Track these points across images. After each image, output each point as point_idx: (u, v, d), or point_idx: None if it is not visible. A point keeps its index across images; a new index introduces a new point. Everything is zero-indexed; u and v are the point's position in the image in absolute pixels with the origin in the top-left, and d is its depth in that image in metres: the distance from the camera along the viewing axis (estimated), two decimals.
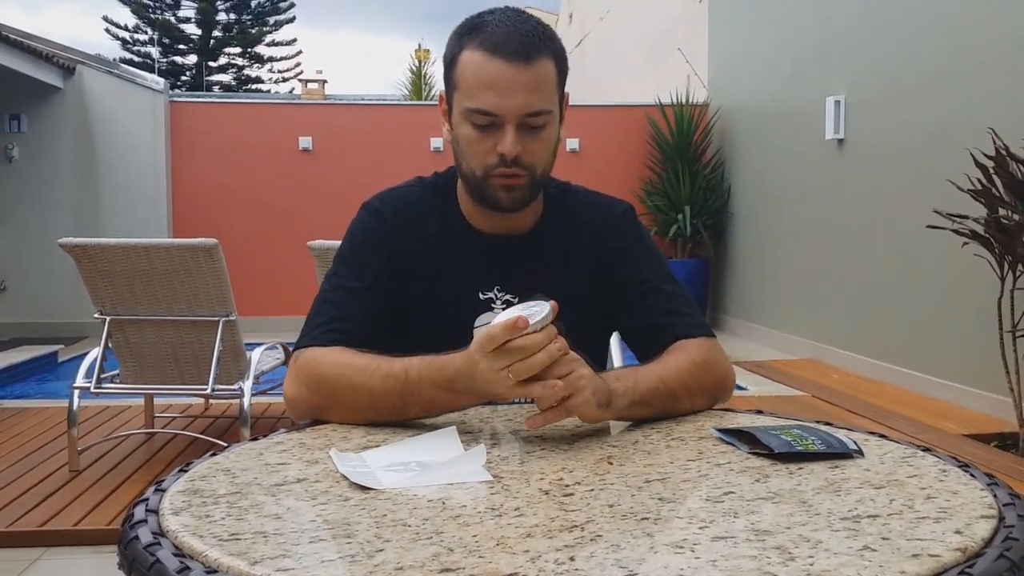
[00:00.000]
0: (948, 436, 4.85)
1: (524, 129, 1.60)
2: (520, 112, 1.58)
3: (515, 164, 1.60)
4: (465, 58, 1.61)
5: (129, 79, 10.03)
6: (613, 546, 0.96)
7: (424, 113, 10.67)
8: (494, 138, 1.60)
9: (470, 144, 1.62)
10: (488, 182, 1.63)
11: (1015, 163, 4.43)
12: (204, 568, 0.92)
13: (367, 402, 1.48)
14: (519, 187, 1.63)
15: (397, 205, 1.75)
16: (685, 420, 1.54)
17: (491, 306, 1.71)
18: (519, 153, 1.60)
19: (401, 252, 1.70)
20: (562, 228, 1.76)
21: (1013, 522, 1.03)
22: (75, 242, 4.25)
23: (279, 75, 35.51)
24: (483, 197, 1.66)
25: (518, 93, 1.57)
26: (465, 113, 1.61)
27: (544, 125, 1.62)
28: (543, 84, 1.60)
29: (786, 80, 8.47)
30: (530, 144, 1.61)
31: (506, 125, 1.58)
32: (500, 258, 1.73)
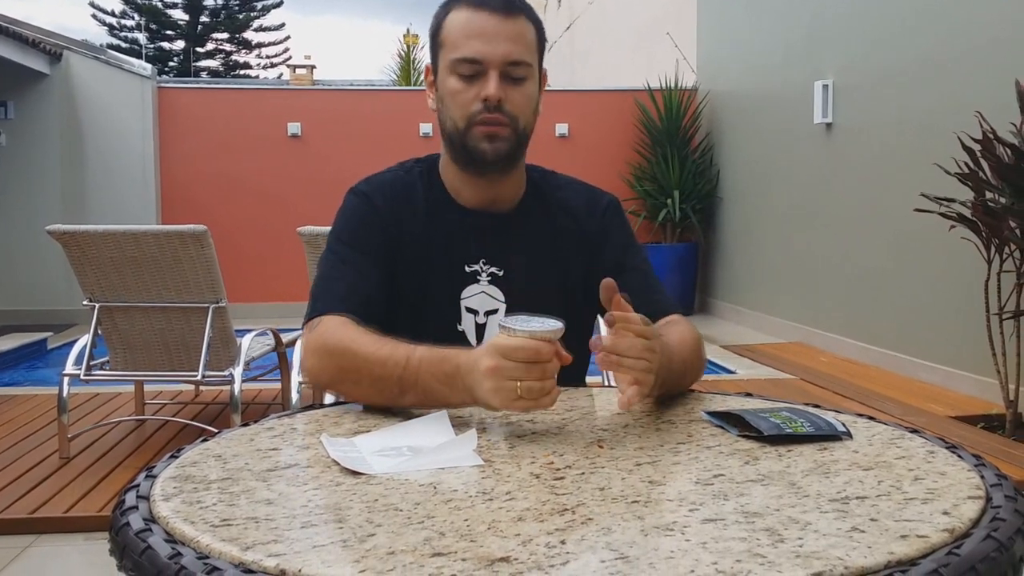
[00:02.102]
0: (936, 418, 4.88)
1: (507, 79, 1.66)
2: (503, 59, 1.65)
3: (498, 110, 1.65)
4: (451, 18, 1.70)
5: (116, 65, 9.97)
6: (604, 529, 0.96)
7: (413, 98, 10.64)
8: (478, 86, 1.66)
9: (454, 96, 1.68)
10: (471, 132, 1.67)
11: (1002, 146, 4.44)
12: (196, 554, 0.92)
13: (368, 382, 1.49)
14: (501, 137, 1.67)
15: (384, 189, 1.79)
16: (675, 403, 1.54)
17: (476, 279, 1.76)
18: (502, 99, 1.65)
19: (393, 233, 1.74)
20: (546, 208, 1.81)
21: (1000, 503, 1.04)
22: (63, 229, 4.24)
23: (267, 61, 35.41)
24: (466, 152, 1.70)
25: (501, 41, 1.65)
26: (451, 65, 1.68)
27: (525, 78, 1.69)
28: (524, 38, 1.69)
29: (775, 64, 8.46)
30: (512, 94, 1.67)
31: (489, 71, 1.65)
32: (485, 232, 1.77)
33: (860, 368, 6.46)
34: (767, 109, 8.63)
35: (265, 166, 10.03)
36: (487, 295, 1.76)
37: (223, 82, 23.44)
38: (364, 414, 1.52)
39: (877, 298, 6.62)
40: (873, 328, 6.66)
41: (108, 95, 9.75)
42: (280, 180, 10.04)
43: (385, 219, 1.75)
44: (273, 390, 5.50)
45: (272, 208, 9.94)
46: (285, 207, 9.85)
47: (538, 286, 1.78)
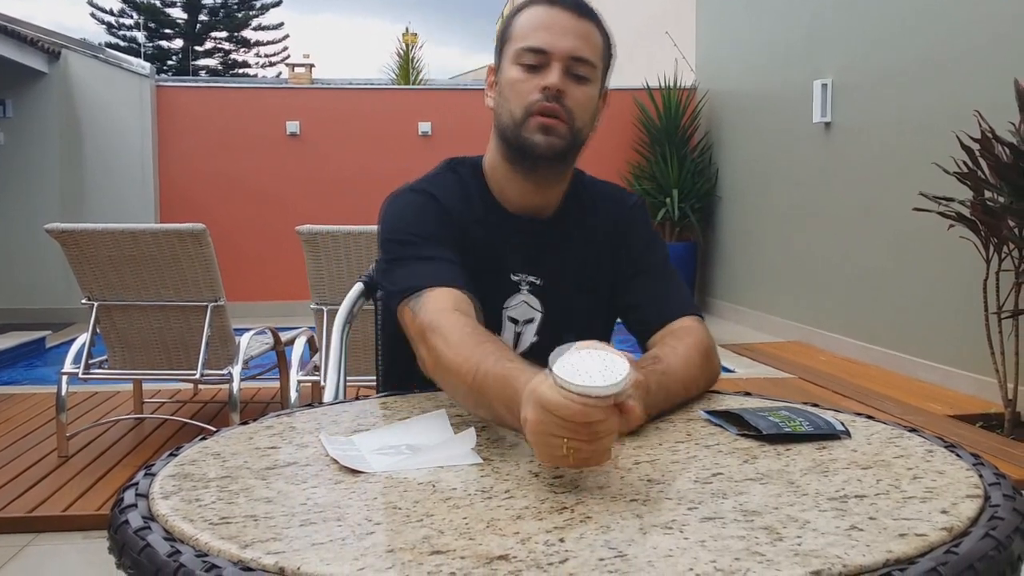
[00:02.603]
0: (934, 417, 4.88)
1: (570, 76, 1.63)
2: (568, 53, 1.63)
3: (557, 101, 1.62)
4: (522, 14, 1.69)
5: (115, 64, 9.96)
6: (603, 528, 0.96)
7: (412, 97, 10.64)
8: (540, 77, 1.63)
9: (515, 85, 1.65)
10: (527, 122, 1.63)
11: (1000, 146, 4.45)
12: (195, 552, 0.92)
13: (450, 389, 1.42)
14: (557, 132, 1.63)
15: (440, 188, 1.73)
16: None
17: (518, 288, 1.73)
18: (563, 91, 1.62)
19: (458, 236, 1.67)
20: (582, 214, 1.79)
21: (998, 501, 1.04)
22: (62, 228, 4.24)
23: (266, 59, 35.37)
24: (519, 145, 1.65)
25: (568, 36, 1.63)
26: (515, 55, 1.66)
27: (588, 79, 1.66)
28: (592, 39, 1.67)
29: (774, 64, 8.46)
30: (574, 91, 1.64)
31: (553, 63, 1.63)
32: (528, 240, 1.74)
33: (859, 367, 6.46)
34: (766, 108, 8.63)
35: (264, 165, 10.03)
36: (527, 304, 1.73)
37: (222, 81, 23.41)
38: (363, 412, 1.52)
39: (876, 297, 6.62)
40: (872, 327, 6.66)
41: (107, 94, 9.74)
42: (279, 179, 10.03)
43: (453, 219, 1.68)
44: (272, 389, 5.50)
45: (271, 207, 9.94)
46: (284, 206, 9.85)
47: (573, 295, 1.76)
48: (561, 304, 1.74)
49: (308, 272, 4.28)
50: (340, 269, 4.21)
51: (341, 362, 1.98)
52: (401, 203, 1.71)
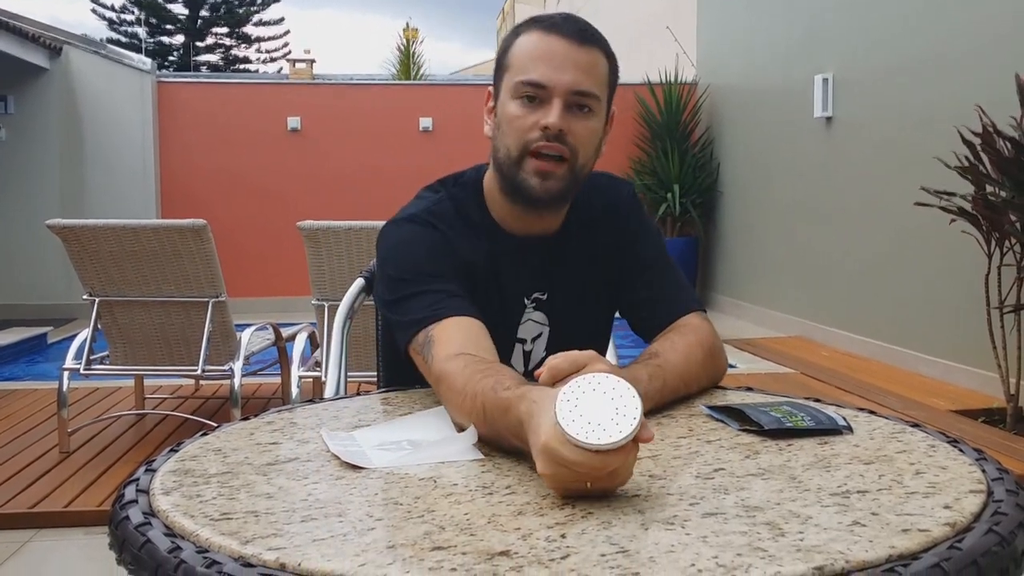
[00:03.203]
0: (936, 412, 4.88)
1: (571, 109, 1.56)
2: (569, 88, 1.55)
3: (558, 140, 1.56)
4: (520, 41, 1.61)
5: (116, 59, 9.97)
6: (604, 523, 0.96)
7: (413, 93, 10.64)
8: (539, 113, 1.56)
9: (513, 120, 1.58)
10: (523, 165, 1.57)
11: (1002, 140, 4.44)
12: (195, 547, 0.92)
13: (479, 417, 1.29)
14: (555, 176, 1.57)
15: (440, 218, 1.66)
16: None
17: (524, 307, 1.70)
18: (564, 130, 1.55)
19: (459, 264, 1.62)
20: (583, 224, 1.74)
21: (1002, 497, 1.04)
22: (63, 223, 4.23)
23: (267, 55, 35.32)
24: (514, 186, 1.60)
25: (569, 69, 1.55)
26: (514, 88, 1.58)
27: (591, 110, 1.58)
28: (594, 69, 1.59)
29: (775, 59, 8.45)
30: (575, 126, 1.57)
31: (553, 99, 1.55)
32: (532, 261, 1.70)
33: (861, 362, 6.46)
34: (767, 103, 8.62)
35: (265, 161, 10.03)
36: (533, 321, 1.70)
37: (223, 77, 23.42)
38: (364, 408, 1.52)
39: (878, 292, 6.62)
40: (874, 322, 6.66)
41: (108, 89, 9.75)
42: (280, 175, 10.04)
43: (454, 248, 1.63)
44: (273, 384, 5.50)
45: (272, 203, 9.94)
46: (285, 202, 9.85)
47: (577, 303, 1.73)
48: (567, 314, 1.72)
49: (309, 268, 4.28)
50: (341, 265, 4.21)
51: (342, 358, 1.98)
52: (401, 236, 1.65)
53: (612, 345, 1.99)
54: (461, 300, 1.55)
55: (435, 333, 1.48)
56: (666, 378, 1.46)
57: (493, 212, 1.70)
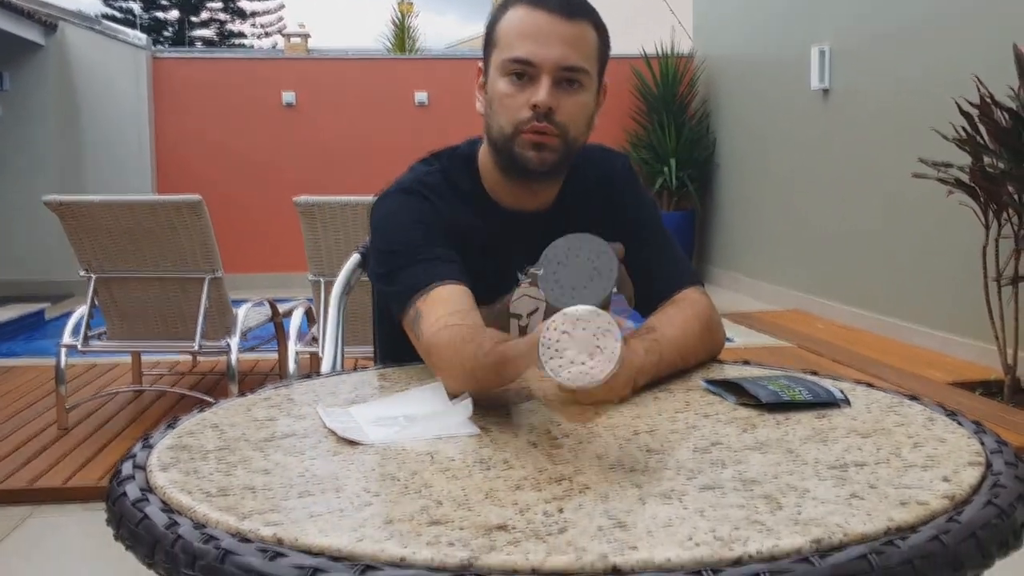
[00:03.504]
0: (934, 385, 4.89)
1: (560, 85, 1.56)
2: (557, 63, 1.54)
3: (547, 119, 1.55)
4: (507, 16, 1.60)
5: (111, 35, 9.92)
6: (601, 497, 0.96)
7: (408, 67, 10.59)
8: (528, 91, 1.55)
9: (503, 99, 1.58)
10: (517, 139, 1.57)
11: (1000, 111, 4.43)
12: (193, 523, 0.92)
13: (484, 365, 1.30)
14: (549, 147, 1.57)
15: (431, 188, 1.66)
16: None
17: (519, 283, 1.69)
18: (552, 107, 1.55)
19: (453, 235, 1.62)
20: (578, 196, 1.73)
21: (1000, 469, 1.04)
22: (60, 200, 4.22)
23: (262, 30, 35.17)
24: (511, 160, 1.60)
25: (556, 44, 1.54)
26: (502, 66, 1.57)
27: (580, 85, 1.57)
28: (583, 43, 1.57)
29: (771, 30, 8.41)
30: (565, 102, 1.56)
31: (542, 76, 1.54)
32: (526, 235, 1.66)
33: (857, 334, 6.47)
34: (764, 75, 8.59)
35: (260, 136, 10.00)
36: (528, 296, 1.71)
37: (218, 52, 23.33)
38: (360, 383, 1.52)
39: (875, 264, 6.62)
40: (871, 294, 6.66)
41: (103, 65, 9.70)
42: (275, 150, 10.01)
43: (445, 219, 1.62)
44: (270, 360, 5.50)
45: (268, 178, 9.92)
46: (280, 177, 9.82)
47: None
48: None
49: (305, 243, 4.27)
50: (337, 240, 4.20)
51: (339, 333, 1.98)
52: (391, 207, 1.65)
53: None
54: (447, 265, 1.55)
55: (422, 307, 1.48)
56: (663, 352, 1.46)
57: (487, 186, 1.70)
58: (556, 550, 0.81)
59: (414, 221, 1.61)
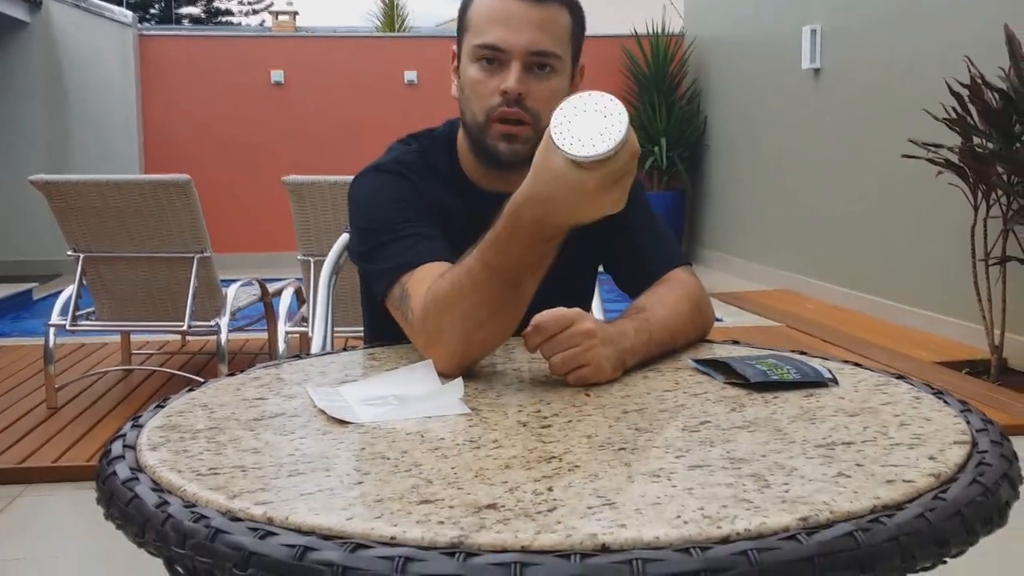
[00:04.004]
0: (921, 364, 4.91)
1: (531, 70, 1.55)
2: (527, 48, 1.54)
3: (518, 105, 1.55)
4: (477, 1, 1.60)
5: (97, 12, 9.83)
6: (591, 476, 0.96)
7: (397, 46, 10.54)
8: (499, 77, 1.55)
9: (475, 86, 1.58)
10: (489, 129, 1.58)
11: (990, 91, 4.43)
12: (183, 502, 0.92)
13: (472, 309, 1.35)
14: (520, 138, 1.57)
15: (409, 165, 1.67)
16: None
17: None
18: (523, 93, 1.54)
19: (434, 212, 1.62)
20: None
21: (986, 447, 1.05)
22: (46, 179, 4.21)
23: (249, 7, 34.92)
24: (483, 149, 1.61)
25: (526, 29, 1.53)
26: (472, 51, 1.58)
27: (552, 69, 1.57)
28: (554, 27, 1.57)
29: (762, 9, 8.40)
30: (536, 87, 1.56)
31: (512, 62, 1.54)
32: None
33: (846, 314, 6.49)
34: (755, 55, 8.58)
35: (249, 114, 9.95)
36: None
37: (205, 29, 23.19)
38: (350, 364, 1.52)
39: (863, 244, 6.63)
40: (859, 274, 6.68)
41: (89, 43, 9.63)
42: (264, 129, 9.96)
43: (425, 197, 1.62)
44: (260, 340, 5.50)
45: (256, 157, 9.88)
46: (269, 156, 9.79)
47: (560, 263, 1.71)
48: (548, 272, 1.70)
49: (295, 223, 4.26)
50: (327, 220, 4.19)
51: (328, 313, 1.98)
52: (369, 185, 1.65)
53: (598, 299, 1.99)
54: (431, 242, 1.55)
55: (409, 286, 1.48)
56: (652, 331, 1.46)
57: (465, 168, 1.71)
58: (545, 528, 0.82)
59: (394, 199, 1.61)
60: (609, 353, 1.34)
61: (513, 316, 1.37)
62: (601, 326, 1.36)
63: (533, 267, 1.32)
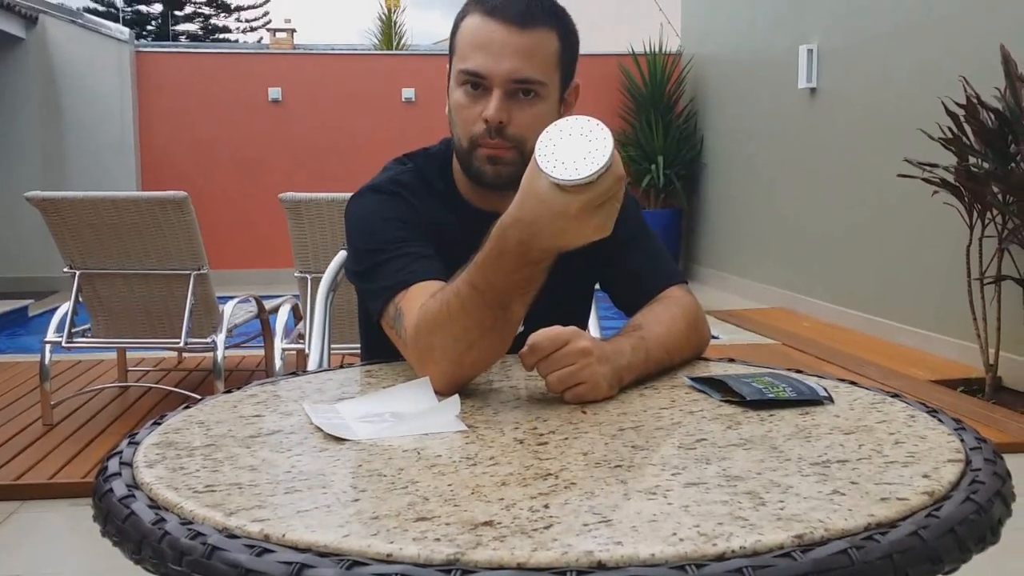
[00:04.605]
0: (916, 382, 4.91)
1: (513, 98, 1.55)
2: (508, 76, 1.53)
3: (499, 135, 1.55)
4: (464, 24, 1.59)
5: (93, 29, 9.86)
6: (587, 493, 0.97)
7: (395, 63, 10.57)
8: (482, 104, 1.55)
9: (459, 111, 1.59)
10: (474, 153, 1.58)
11: (985, 111, 4.45)
12: (179, 520, 0.92)
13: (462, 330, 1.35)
14: (505, 160, 1.57)
15: (406, 185, 1.67)
16: None
17: None
18: (504, 122, 1.54)
19: (430, 232, 1.62)
20: None
21: (980, 465, 1.05)
22: (43, 196, 4.21)
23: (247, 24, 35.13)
24: (470, 171, 1.62)
25: (508, 57, 1.52)
26: (457, 75, 1.58)
27: (536, 95, 1.56)
28: (538, 53, 1.55)
29: (759, 29, 8.44)
30: (519, 114, 1.55)
31: (494, 89, 1.54)
32: None
33: (842, 333, 6.50)
34: (752, 74, 8.61)
35: (246, 131, 9.97)
36: None
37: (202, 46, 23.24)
38: (348, 380, 1.52)
39: (859, 263, 6.65)
40: (855, 293, 6.69)
41: (86, 59, 9.65)
42: (261, 145, 9.98)
43: (421, 217, 1.63)
44: (256, 357, 5.50)
45: (253, 174, 9.89)
46: (266, 173, 9.80)
47: (555, 282, 1.72)
48: (544, 290, 1.69)
49: (292, 240, 4.27)
50: (324, 237, 4.20)
51: (325, 330, 1.98)
52: (366, 206, 1.65)
53: (595, 317, 1.99)
54: (426, 261, 1.55)
55: (403, 305, 1.48)
56: (649, 349, 1.46)
57: (460, 186, 1.71)
58: (542, 546, 0.82)
59: (390, 219, 1.62)
60: (606, 371, 1.34)
61: (502, 338, 1.37)
62: (597, 344, 1.36)
63: (521, 290, 1.32)
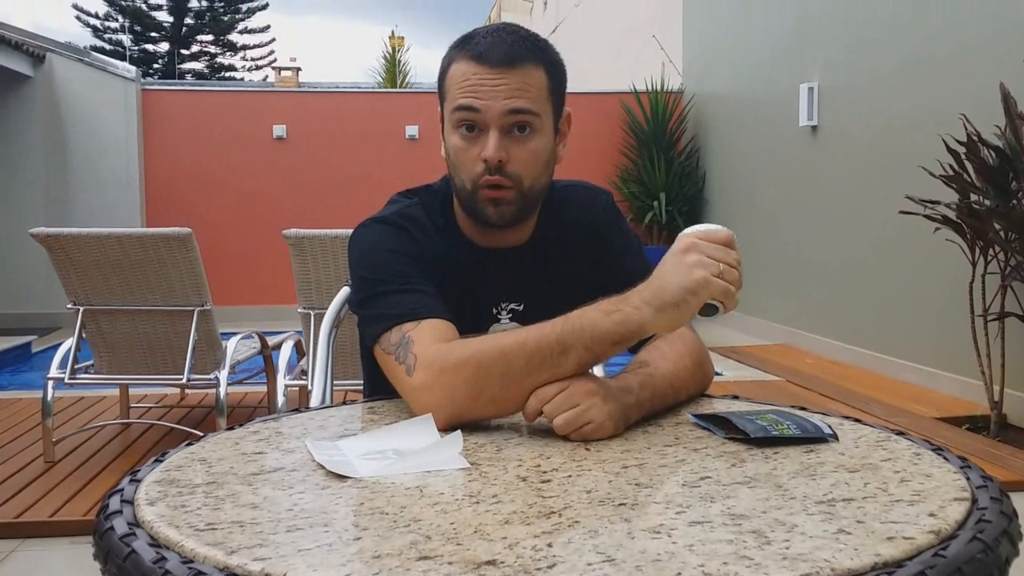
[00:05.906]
0: (921, 420, 4.89)
1: (510, 133, 1.57)
2: (502, 112, 1.55)
3: (500, 172, 1.57)
4: (452, 70, 1.61)
5: (100, 67, 9.94)
6: (591, 532, 0.96)
7: (399, 101, 10.63)
8: (479, 145, 1.57)
9: (458, 154, 1.60)
10: (477, 195, 1.60)
11: (986, 149, 4.47)
12: (180, 558, 0.92)
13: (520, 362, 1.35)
14: (506, 201, 1.59)
15: (411, 219, 1.68)
16: None
17: (498, 318, 1.70)
18: (503, 160, 1.56)
19: (432, 269, 1.63)
20: (556, 233, 1.75)
21: (986, 504, 1.04)
22: (47, 232, 4.22)
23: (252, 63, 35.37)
24: (474, 212, 1.63)
25: (500, 96, 1.55)
26: (451, 117, 1.59)
27: (532, 129, 1.58)
28: (528, 88, 1.57)
29: (760, 67, 8.48)
30: (515, 151, 1.57)
31: (490, 129, 1.56)
32: (502, 272, 1.70)
33: (845, 369, 6.48)
34: (753, 112, 8.65)
35: (251, 168, 10.02)
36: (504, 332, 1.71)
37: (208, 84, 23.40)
38: (350, 418, 1.52)
39: (862, 300, 6.64)
40: (859, 329, 6.68)
41: (92, 97, 9.72)
42: (266, 182, 10.03)
43: (423, 250, 1.63)
44: (259, 393, 5.49)
45: (257, 210, 9.93)
46: (270, 209, 9.83)
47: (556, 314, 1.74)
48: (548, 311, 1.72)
49: (295, 276, 4.27)
50: (327, 273, 4.20)
51: (328, 366, 1.98)
52: (372, 237, 1.66)
53: None
54: (438, 302, 1.55)
55: (413, 335, 1.47)
56: (656, 386, 1.46)
57: (460, 223, 1.72)
58: None
59: (398, 252, 1.62)
60: (612, 409, 1.34)
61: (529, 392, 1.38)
62: (603, 382, 1.36)
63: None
